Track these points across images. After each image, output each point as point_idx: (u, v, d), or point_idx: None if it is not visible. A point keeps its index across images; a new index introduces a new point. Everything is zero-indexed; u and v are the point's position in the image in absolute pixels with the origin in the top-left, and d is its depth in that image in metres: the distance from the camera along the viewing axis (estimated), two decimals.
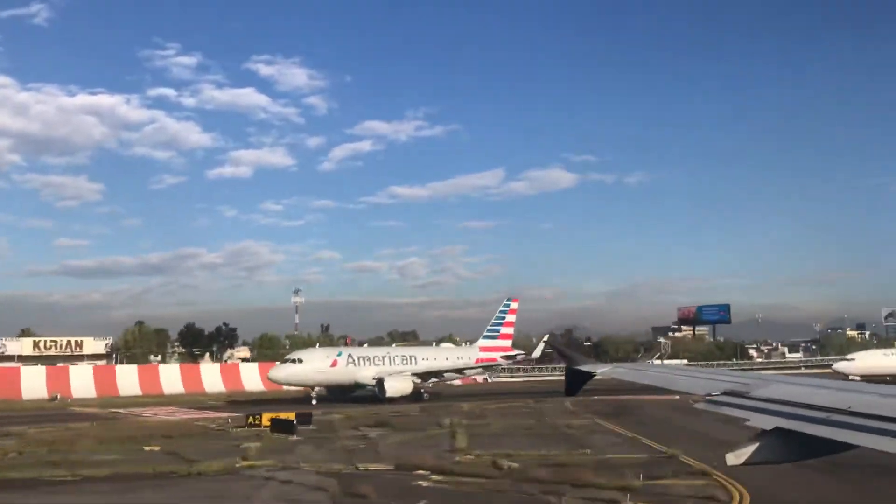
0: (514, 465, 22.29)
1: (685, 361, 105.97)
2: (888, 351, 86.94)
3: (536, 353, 71.18)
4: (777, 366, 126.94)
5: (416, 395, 58.00)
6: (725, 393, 6.84)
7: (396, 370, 59.26)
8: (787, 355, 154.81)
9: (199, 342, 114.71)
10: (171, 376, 73.76)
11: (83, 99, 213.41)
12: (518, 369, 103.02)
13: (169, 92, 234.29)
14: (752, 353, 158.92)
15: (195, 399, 60.93)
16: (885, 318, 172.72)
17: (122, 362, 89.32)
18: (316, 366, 57.05)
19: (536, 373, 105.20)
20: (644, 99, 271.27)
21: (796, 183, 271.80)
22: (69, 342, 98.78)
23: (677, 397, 47.96)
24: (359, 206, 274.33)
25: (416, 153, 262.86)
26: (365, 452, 27.18)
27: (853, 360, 79.31)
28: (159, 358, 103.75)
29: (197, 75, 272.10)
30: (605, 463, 23.06)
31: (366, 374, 58.41)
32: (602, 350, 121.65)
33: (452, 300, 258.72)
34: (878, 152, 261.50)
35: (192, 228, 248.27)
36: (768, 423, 5.57)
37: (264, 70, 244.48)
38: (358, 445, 29.35)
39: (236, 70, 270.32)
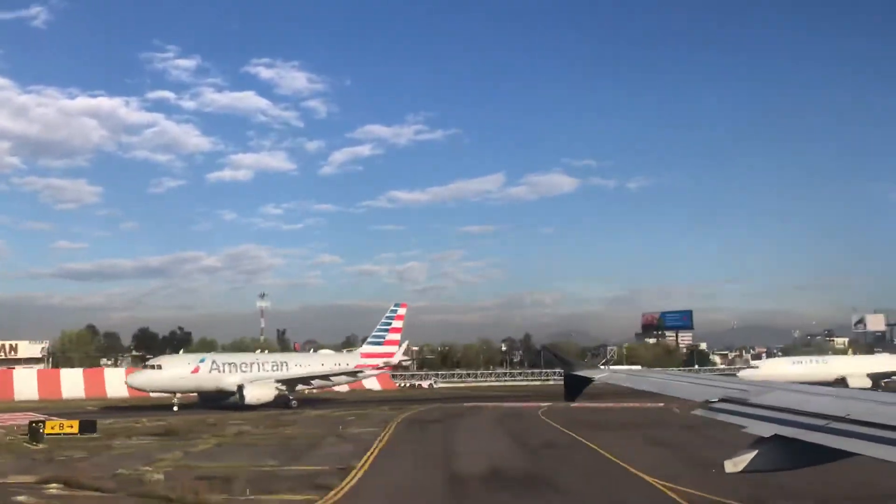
0: (160, 477, 19.00)
1: (639, 367, 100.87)
2: (797, 359, 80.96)
3: (395, 360, 63.49)
4: (731, 372, 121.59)
5: (283, 402, 50.52)
6: (723, 400, 5.64)
7: (263, 377, 51.51)
8: (752, 362, 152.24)
9: (153, 347, 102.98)
10: (73, 381, 64.69)
11: (83, 101, 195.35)
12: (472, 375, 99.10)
13: (168, 95, 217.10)
14: (716, 359, 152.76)
15: (83, 404, 53.45)
16: (855, 324, 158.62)
17: (58, 366, 79.16)
18: (175, 372, 49.36)
19: (480, 379, 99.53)
20: (644, 103, 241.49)
21: (799, 188, 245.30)
22: (3, 346, 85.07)
23: (525, 405, 44.88)
24: (359, 210, 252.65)
25: (416, 157, 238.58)
26: (56, 464, 22.25)
27: (758, 367, 72.98)
28: (111, 362, 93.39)
29: (196, 78, 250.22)
30: (263, 475, 19.74)
31: (230, 381, 50.53)
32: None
33: (452, 305, 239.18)
34: (881, 156, 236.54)
35: (191, 232, 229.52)
36: (767, 430, 4.59)
37: (264, 73, 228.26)
38: (73, 455, 24.30)
39: (235, 73, 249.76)
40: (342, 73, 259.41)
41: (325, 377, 55.60)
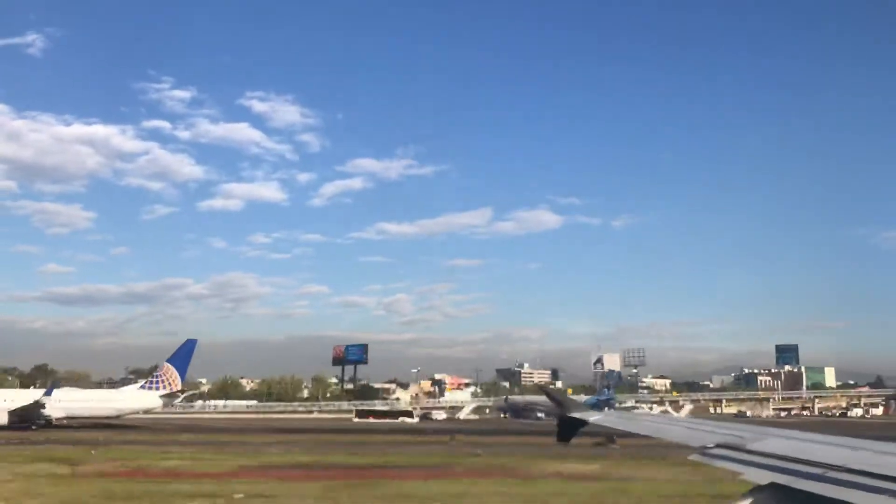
0: None
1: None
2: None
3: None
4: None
5: None
6: (719, 445, 5.38)
7: None
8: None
9: None
10: None
11: (78, 129, 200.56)
12: None
13: (163, 124, 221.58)
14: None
15: None
16: (594, 363, 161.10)
17: None
18: None
19: None
20: (629, 142, 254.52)
21: (783, 231, 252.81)
22: None
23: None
24: (347, 241, 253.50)
25: (405, 191, 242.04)
26: None
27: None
28: None
29: (191, 109, 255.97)
30: None
31: None
32: None
33: (439, 338, 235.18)
34: (863, 203, 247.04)
35: (180, 259, 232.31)
36: (763, 477, 4.46)
37: (258, 106, 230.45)
38: None
39: (230, 105, 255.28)
40: (334, 107, 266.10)
41: None
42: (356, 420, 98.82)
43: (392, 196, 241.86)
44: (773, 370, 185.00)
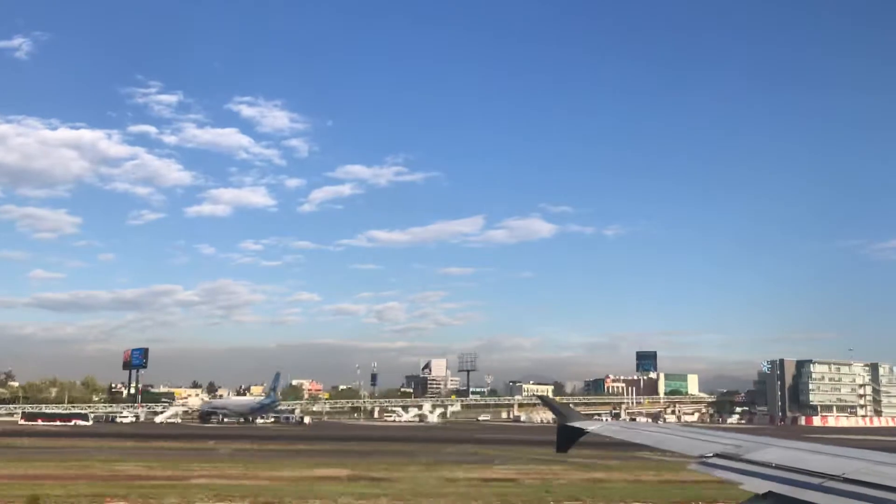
0: None
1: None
2: None
3: None
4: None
5: None
6: (718, 455, 5.35)
7: None
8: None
9: None
10: None
11: (64, 133, 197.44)
12: None
13: (150, 129, 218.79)
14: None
15: None
16: (422, 369, 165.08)
17: None
18: None
19: None
20: (623, 152, 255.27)
21: (774, 243, 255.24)
22: None
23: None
24: (338, 248, 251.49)
25: (395, 198, 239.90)
26: None
27: None
28: None
29: (178, 114, 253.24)
30: None
31: None
32: None
33: (431, 346, 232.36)
34: (852, 216, 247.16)
35: (169, 265, 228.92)
36: (761, 487, 4.46)
37: (246, 111, 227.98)
38: None
39: (218, 110, 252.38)
40: (323, 113, 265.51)
41: None
42: (21, 422, 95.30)
43: (382, 203, 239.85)
44: (633, 377, 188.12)
